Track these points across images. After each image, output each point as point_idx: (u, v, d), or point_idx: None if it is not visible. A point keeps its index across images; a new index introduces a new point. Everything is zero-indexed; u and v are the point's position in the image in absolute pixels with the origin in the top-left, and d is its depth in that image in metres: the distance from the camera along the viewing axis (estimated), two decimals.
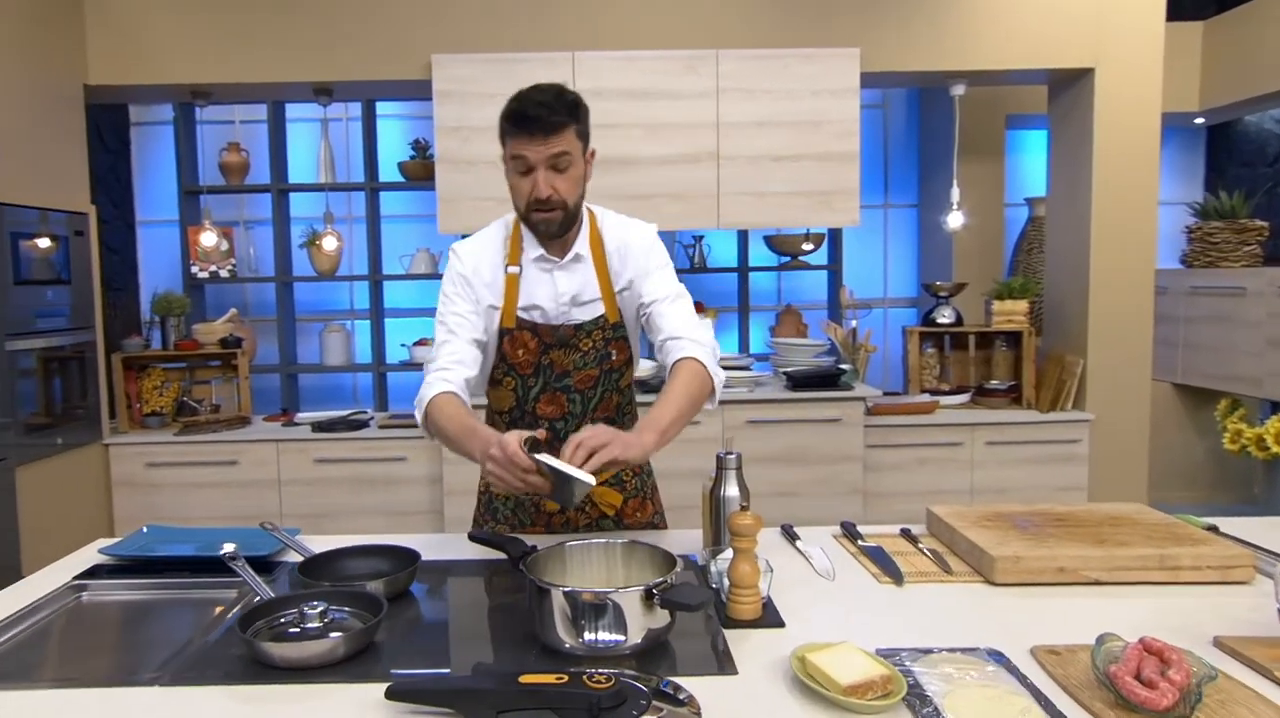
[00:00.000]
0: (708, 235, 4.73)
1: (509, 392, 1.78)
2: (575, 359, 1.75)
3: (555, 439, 1.68)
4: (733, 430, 3.63)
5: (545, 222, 1.65)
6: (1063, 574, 1.56)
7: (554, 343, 1.73)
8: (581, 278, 1.74)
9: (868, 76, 3.77)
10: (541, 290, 1.73)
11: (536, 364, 1.74)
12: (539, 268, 1.73)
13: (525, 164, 1.61)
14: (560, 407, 1.78)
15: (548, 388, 1.76)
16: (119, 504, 3.64)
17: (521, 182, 1.64)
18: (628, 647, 1.28)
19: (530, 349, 1.73)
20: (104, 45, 3.61)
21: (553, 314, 1.74)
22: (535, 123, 1.58)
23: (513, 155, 1.63)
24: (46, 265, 3.31)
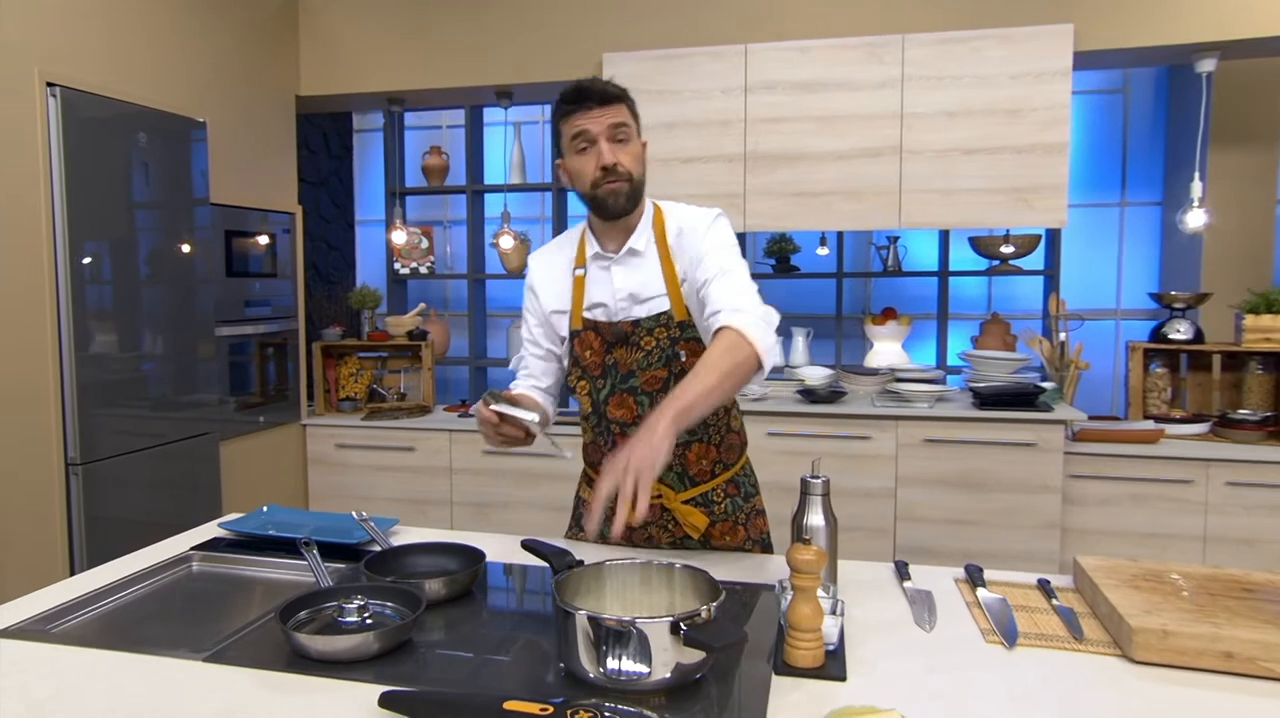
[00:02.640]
0: (906, 236, 4.39)
1: (585, 395, 1.75)
2: (639, 358, 1.66)
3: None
4: (908, 449, 3.32)
5: (613, 193, 1.59)
6: (1230, 662, 1.23)
7: (614, 340, 1.67)
8: (641, 274, 1.66)
9: (1083, 56, 3.30)
10: (600, 289, 1.69)
11: (603, 364, 1.69)
12: (598, 266, 1.70)
13: (587, 138, 1.59)
14: (630, 409, 1.69)
15: (615, 389, 1.69)
16: (313, 480, 3.97)
17: (584, 160, 1.60)
18: (652, 681, 1.15)
19: (595, 349, 1.69)
20: (314, 58, 3.95)
21: (613, 311, 1.68)
22: (591, 94, 1.59)
23: (573, 135, 1.60)
24: (256, 260, 3.67)
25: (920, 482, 3.31)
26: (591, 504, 1.32)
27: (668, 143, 3.59)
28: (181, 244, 3.18)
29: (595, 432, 1.77)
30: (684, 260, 1.64)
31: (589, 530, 1.33)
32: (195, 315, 3.25)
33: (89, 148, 2.78)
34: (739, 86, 3.49)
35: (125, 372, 2.94)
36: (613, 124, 1.58)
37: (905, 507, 3.33)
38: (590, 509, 1.31)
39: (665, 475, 1.69)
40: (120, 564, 1.69)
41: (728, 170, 3.53)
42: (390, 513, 3.89)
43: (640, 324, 1.65)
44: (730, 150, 3.52)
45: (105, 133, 2.85)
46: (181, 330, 3.19)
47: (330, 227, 5.16)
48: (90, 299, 2.80)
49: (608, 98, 1.59)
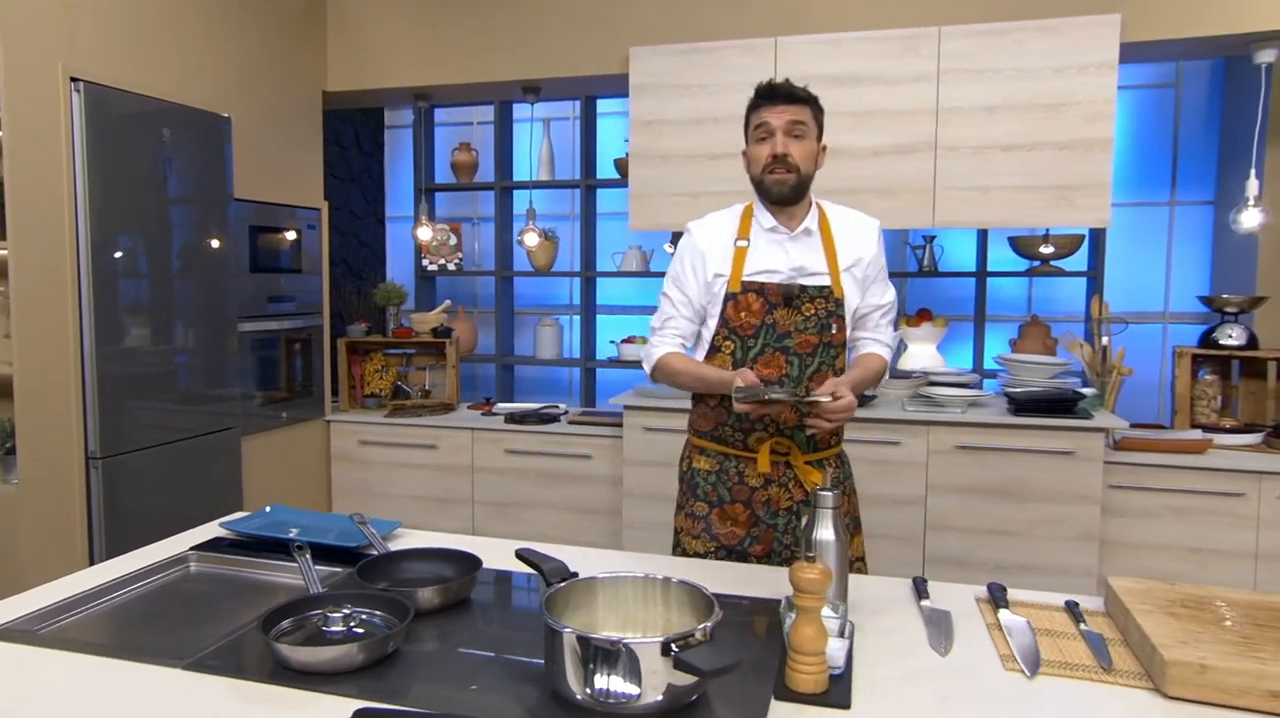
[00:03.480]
0: (942, 235, 4.26)
1: (727, 356, 1.88)
2: (798, 321, 1.85)
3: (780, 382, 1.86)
4: (939, 456, 3.20)
5: (779, 182, 1.82)
6: (1276, 703, 1.13)
7: (779, 302, 1.84)
8: (810, 252, 1.88)
9: (1131, 48, 3.16)
10: (771, 258, 1.86)
11: (759, 325, 1.85)
12: (770, 238, 1.88)
13: (767, 129, 1.81)
14: (778, 367, 1.85)
15: (768, 348, 1.85)
16: (336, 476, 3.96)
17: (761, 148, 1.83)
18: (641, 704, 1.10)
19: (754, 311, 1.85)
20: (341, 54, 3.93)
21: (787, 276, 1.86)
22: (779, 93, 1.82)
23: (756, 125, 1.84)
24: (282, 256, 3.67)
25: (952, 489, 3.20)
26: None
27: (696, 138, 3.51)
28: (205, 239, 3.18)
29: (726, 394, 1.86)
30: (854, 250, 1.89)
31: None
32: (218, 311, 3.25)
33: (113, 143, 2.78)
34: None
35: (147, 366, 2.95)
36: (792, 120, 1.80)
37: (935, 515, 3.22)
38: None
39: (796, 435, 1.86)
40: (119, 563, 1.67)
41: None
42: (412, 511, 3.87)
43: (806, 289, 1.84)
44: None
45: (129, 128, 2.85)
46: (204, 326, 3.19)
47: (361, 223, 5.16)
48: (112, 294, 2.80)
49: (794, 98, 1.82)
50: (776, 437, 1.86)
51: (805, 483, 1.87)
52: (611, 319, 4.84)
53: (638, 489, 3.51)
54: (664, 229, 3.71)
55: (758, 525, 1.89)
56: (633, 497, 3.52)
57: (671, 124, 3.53)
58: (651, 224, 3.60)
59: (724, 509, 1.91)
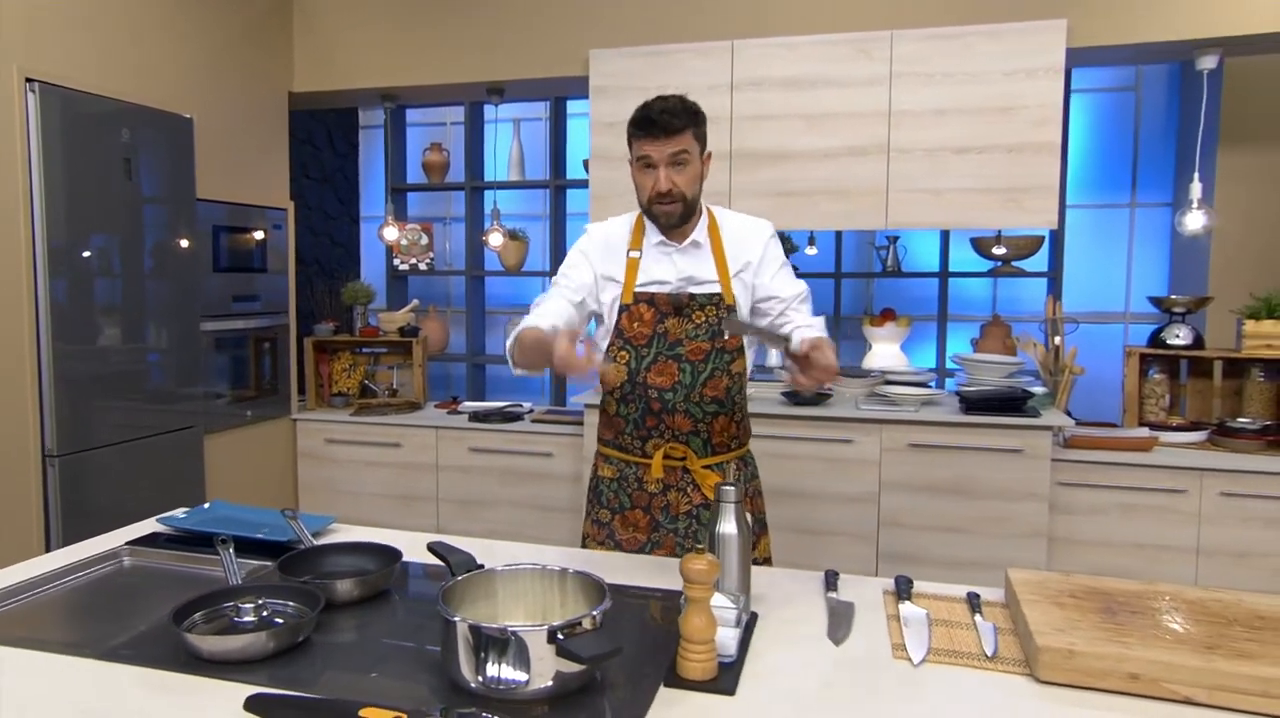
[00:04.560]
0: (906, 237, 4.32)
1: (622, 366, 1.90)
2: (688, 329, 1.88)
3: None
4: (892, 454, 3.25)
5: (666, 213, 1.84)
6: (1135, 684, 1.18)
7: (669, 311, 1.88)
8: (698, 261, 1.90)
9: (1077, 53, 3.21)
10: (660, 269, 1.90)
11: (651, 335, 1.88)
12: (659, 251, 1.91)
13: (649, 161, 1.82)
14: (670, 375, 1.88)
15: (660, 357, 1.88)
16: (302, 474, 3.99)
17: (645, 178, 1.84)
18: (530, 690, 1.14)
19: (645, 321, 1.89)
20: (307, 55, 3.97)
21: (674, 287, 1.90)
22: (657, 125, 1.78)
23: (638, 156, 1.84)
24: (246, 255, 3.70)
25: (904, 487, 3.25)
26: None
27: None
28: (168, 239, 3.21)
29: (622, 403, 1.91)
30: (743, 255, 1.91)
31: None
32: (181, 310, 3.28)
33: (70, 144, 2.81)
34: (725, 84, 3.45)
35: (107, 365, 2.98)
36: (673, 152, 1.80)
37: (888, 513, 3.27)
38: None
39: (691, 441, 1.89)
40: (51, 558, 1.71)
41: (714, 168, 3.47)
42: (377, 509, 3.91)
43: (695, 298, 1.88)
44: (717, 148, 3.45)
45: (87, 129, 2.88)
46: (166, 324, 3.22)
47: (335, 222, 5.19)
48: (71, 294, 2.84)
49: (672, 130, 1.78)
50: (671, 442, 1.88)
51: (703, 487, 1.89)
52: None
53: None
54: None
55: (658, 530, 1.91)
56: None
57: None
58: None
59: (625, 515, 1.93)
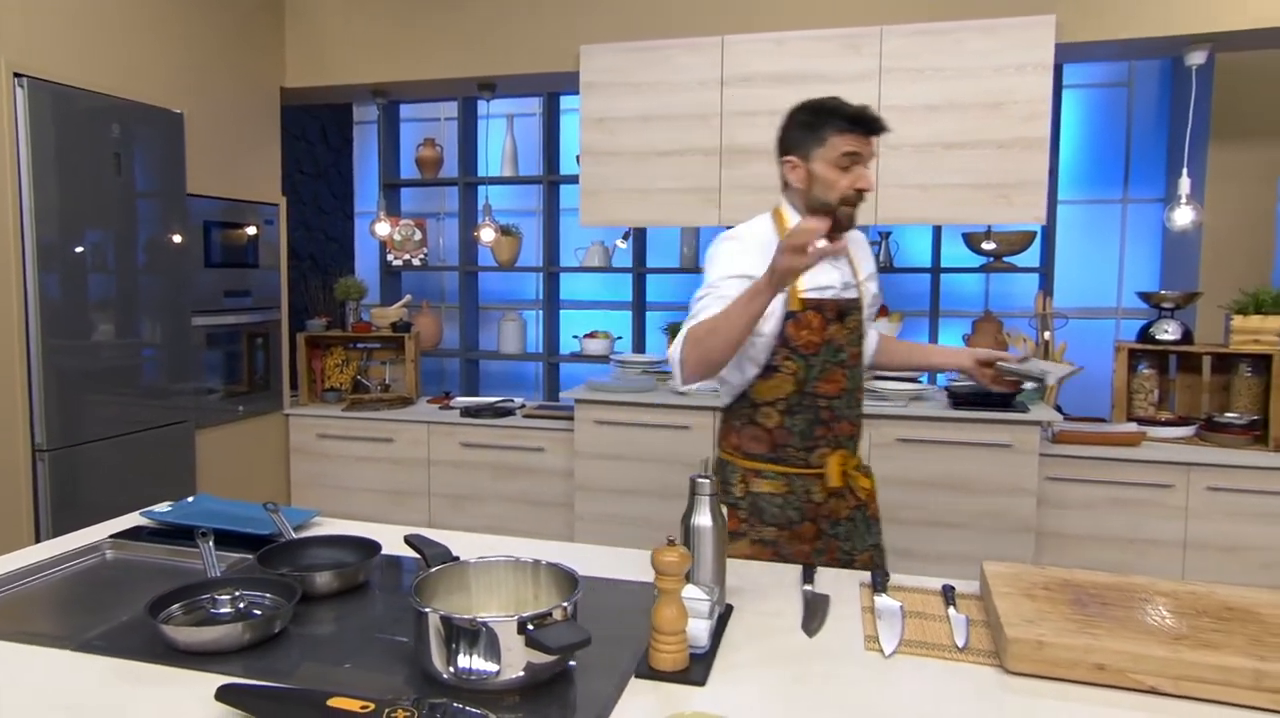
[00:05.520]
0: (899, 232, 4.32)
1: (788, 377, 1.85)
2: (848, 335, 1.87)
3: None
4: (881, 449, 3.26)
5: (850, 215, 1.82)
6: (1102, 674, 1.19)
7: (835, 317, 1.85)
8: (845, 266, 1.92)
9: (1066, 49, 3.21)
10: (824, 274, 1.85)
11: (821, 342, 1.84)
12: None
13: (857, 159, 1.78)
14: (838, 383, 1.87)
15: (828, 365, 1.85)
16: (295, 470, 4.01)
17: (843, 174, 1.79)
18: (501, 681, 1.15)
19: (815, 328, 1.84)
20: (299, 50, 3.97)
21: (835, 293, 1.87)
22: (874, 124, 1.78)
23: (847, 150, 1.78)
24: (238, 251, 3.71)
25: (893, 482, 3.26)
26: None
27: (644, 135, 3.56)
28: (158, 234, 3.22)
29: (787, 415, 1.86)
30: (864, 266, 1.97)
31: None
32: (172, 305, 3.29)
33: (59, 139, 2.82)
34: (715, 79, 3.45)
35: (96, 360, 2.99)
36: (872, 153, 1.81)
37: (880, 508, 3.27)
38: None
39: (849, 446, 1.91)
40: (33, 552, 1.71)
41: (704, 164, 3.50)
42: (369, 504, 3.92)
43: (854, 303, 1.89)
44: (707, 144, 3.49)
45: (76, 124, 2.89)
46: (157, 319, 3.23)
47: (329, 218, 5.20)
48: (60, 289, 2.84)
49: (877, 131, 1.79)
50: (840, 450, 1.88)
51: (857, 489, 1.92)
52: (575, 314, 4.89)
53: (588, 482, 3.56)
54: (615, 225, 3.76)
55: (821, 538, 1.90)
56: (584, 489, 3.57)
57: (622, 121, 3.58)
58: (603, 220, 3.65)
59: (795, 530, 1.89)
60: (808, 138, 1.81)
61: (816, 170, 1.80)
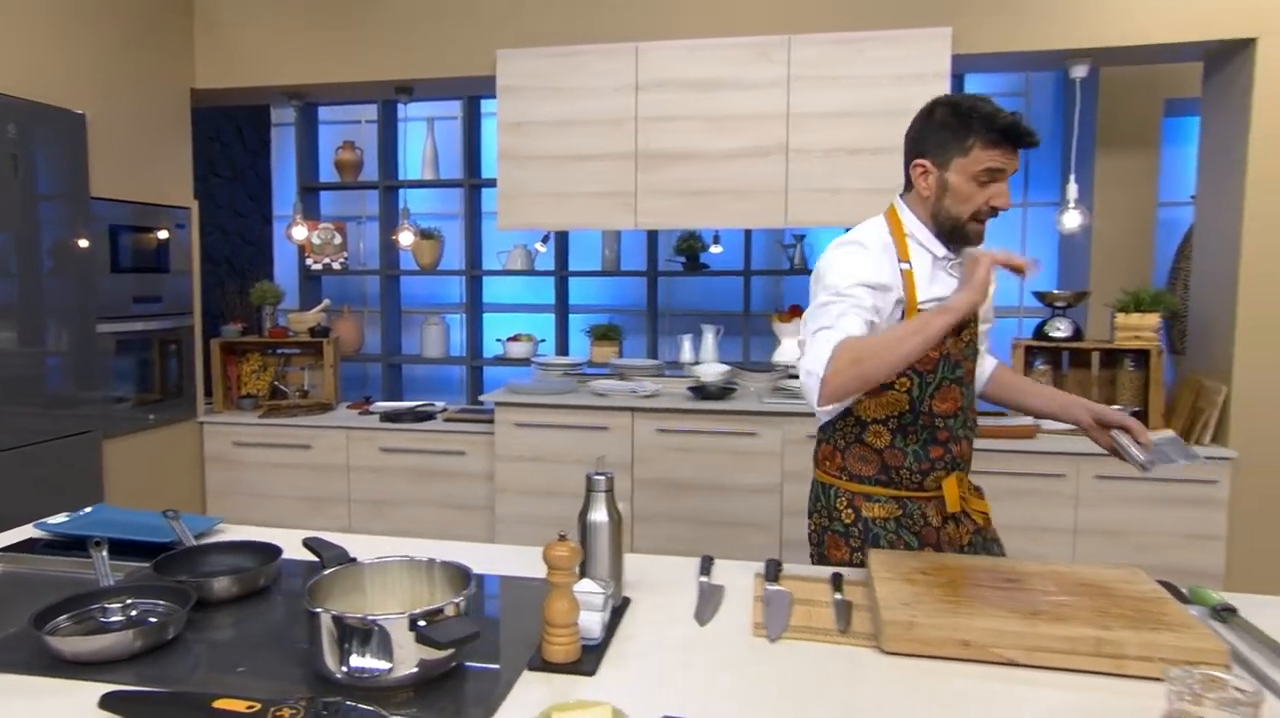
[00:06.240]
0: (813, 235, 4.44)
1: (901, 393, 1.71)
2: (964, 349, 1.75)
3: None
4: (793, 445, 3.36)
5: (980, 233, 1.69)
6: (967, 650, 1.27)
7: (952, 330, 1.67)
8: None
9: (962, 60, 3.36)
10: (943, 284, 1.73)
11: (939, 358, 1.71)
12: (941, 268, 1.74)
13: (997, 175, 1.64)
14: (953, 401, 1.74)
15: (944, 382, 1.73)
16: (210, 479, 3.93)
17: (978, 190, 1.65)
18: (394, 678, 1.17)
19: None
20: (210, 51, 3.90)
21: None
22: (1025, 138, 1.62)
23: (990, 166, 1.62)
24: (147, 255, 3.62)
25: (806, 477, 3.32)
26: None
27: (561, 140, 3.59)
28: (60, 239, 3.13)
29: (899, 435, 1.73)
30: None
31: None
32: (75, 311, 3.20)
33: None
34: (630, 85, 3.51)
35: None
36: (1014, 168, 1.65)
37: (791, 502, 3.38)
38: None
39: (963, 465, 1.79)
40: None
41: (620, 168, 3.55)
42: (288, 511, 3.87)
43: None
44: (622, 148, 3.54)
45: None
46: (58, 326, 3.14)
47: (246, 221, 5.11)
48: None
49: (1026, 147, 1.64)
50: (957, 472, 1.76)
51: (973, 514, 1.80)
52: (499, 318, 4.90)
53: (509, 484, 3.58)
54: (533, 228, 3.80)
55: None
56: (505, 492, 3.59)
57: (539, 125, 3.61)
58: (521, 224, 3.68)
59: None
60: (948, 143, 1.64)
61: (952, 181, 1.65)
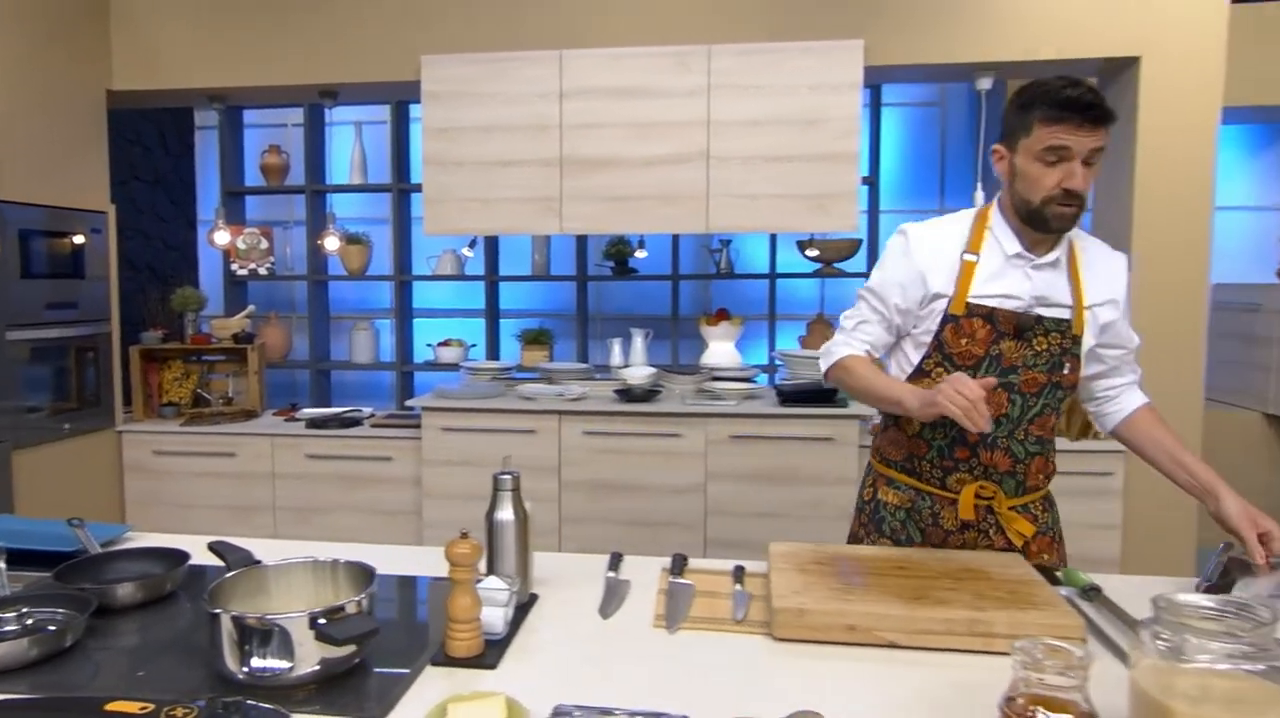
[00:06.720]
0: (739, 240, 4.54)
1: (935, 383, 1.63)
2: (1027, 355, 1.64)
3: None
4: (716, 446, 3.44)
5: (1063, 217, 1.58)
6: (853, 634, 1.34)
7: (1009, 331, 1.64)
8: (1054, 281, 1.67)
9: (875, 71, 3.48)
10: (1009, 282, 1.65)
11: (983, 356, 1.64)
12: (1014, 264, 1.66)
13: (1064, 154, 1.54)
14: (998, 406, 1.65)
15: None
16: (130, 489, 3.85)
17: (1047, 172, 1.56)
18: (295, 676, 1.19)
19: (979, 339, 1.65)
20: (126, 52, 3.81)
21: (1020, 305, 1.65)
22: (1091, 111, 1.51)
23: (1052, 144, 1.54)
24: (61, 261, 3.54)
25: (728, 477, 3.44)
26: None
27: (486, 146, 3.62)
28: None
29: (929, 426, 1.70)
30: (1103, 290, 1.70)
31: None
32: None
33: None
34: (555, 92, 3.55)
35: None
36: (1093, 149, 1.54)
37: (714, 502, 3.45)
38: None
39: (1005, 481, 1.70)
40: None
41: (545, 174, 3.59)
42: (211, 520, 3.81)
43: (1042, 322, 1.64)
44: (547, 154, 3.58)
45: None
46: None
47: (169, 226, 5.00)
48: None
49: (1101, 120, 1.52)
50: (982, 480, 1.69)
51: (1009, 532, 1.69)
52: (430, 323, 4.89)
53: (436, 489, 3.59)
54: (459, 234, 3.81)
55: None
56: (432, 497, 3.60)
57: (464, 131, 3.63)
58: (447, 229, 3.69)
59: (915, 547, 1.75)
60: (1015, 124, 1.60)
61: (1019, 164, 1.60)
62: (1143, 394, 1.82)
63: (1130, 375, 1.81)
